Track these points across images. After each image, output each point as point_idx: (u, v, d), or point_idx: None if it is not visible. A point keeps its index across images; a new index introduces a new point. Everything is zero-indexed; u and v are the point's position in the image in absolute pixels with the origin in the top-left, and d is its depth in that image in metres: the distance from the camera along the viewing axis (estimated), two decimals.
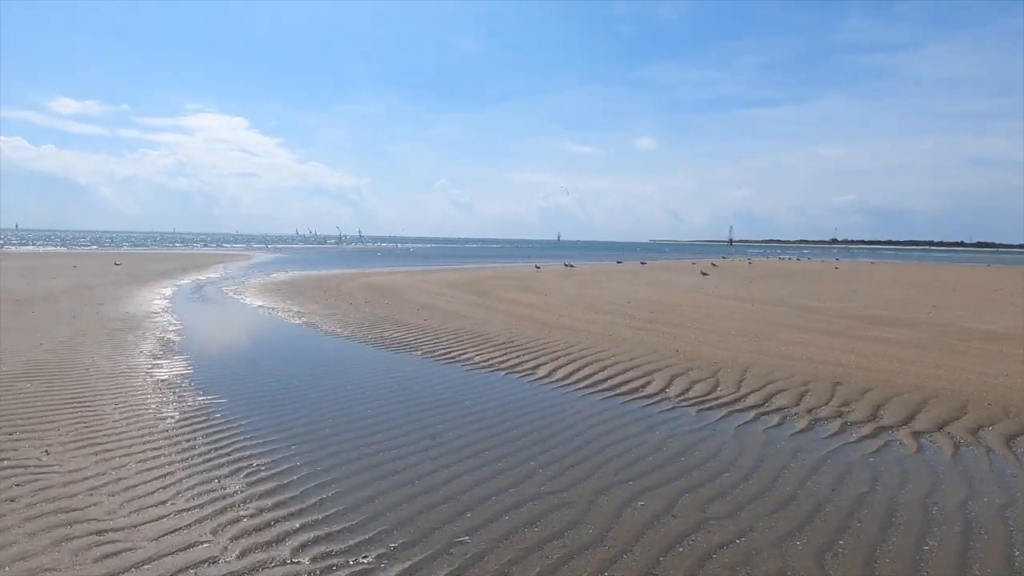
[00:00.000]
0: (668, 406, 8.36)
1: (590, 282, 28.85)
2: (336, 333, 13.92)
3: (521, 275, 33.10)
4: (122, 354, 10.97)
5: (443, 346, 12.35)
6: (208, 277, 30.31)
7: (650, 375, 9.94)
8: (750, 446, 6.80)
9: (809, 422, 7.68)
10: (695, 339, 12.88)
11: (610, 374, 10.04)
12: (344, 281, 27.62)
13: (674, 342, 12.51)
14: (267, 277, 30.53)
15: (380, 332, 13.96)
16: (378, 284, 26.19)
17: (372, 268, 40.24)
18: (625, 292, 23.52)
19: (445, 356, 11.49)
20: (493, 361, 11.05)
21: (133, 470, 5.74)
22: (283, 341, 12.98)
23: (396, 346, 12.39)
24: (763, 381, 9.46)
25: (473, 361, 11.07)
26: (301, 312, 17.25)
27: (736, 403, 8.49)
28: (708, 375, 9.87)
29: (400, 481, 5.67)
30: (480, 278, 30.36)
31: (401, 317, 16.22)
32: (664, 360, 10.88)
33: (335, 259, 54.17)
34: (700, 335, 13.37)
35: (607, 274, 36.15)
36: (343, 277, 30.33)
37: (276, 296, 21.38)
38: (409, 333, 13.79)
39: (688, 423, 7.62)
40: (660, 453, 6.54)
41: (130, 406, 7.79)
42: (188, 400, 8.16)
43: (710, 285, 27.88)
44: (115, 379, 9.13)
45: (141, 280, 26.77)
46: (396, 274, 33.61)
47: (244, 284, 26.29)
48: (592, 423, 7.57)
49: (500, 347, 12.17)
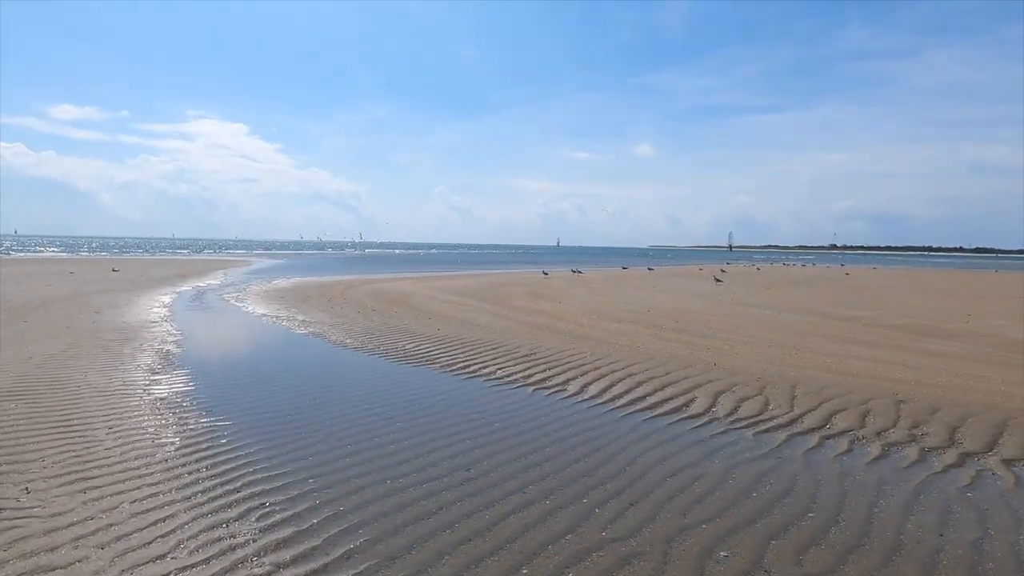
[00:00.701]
0: (720, 428, 7.56)
1: (603, 289, 28.05)
2: (346, 344, 13.12)
3: (530, 281, 32.30)
4: (118, 368, 10.17)
5: (462, 358, 11.56)
6: (208, 284, 29.53)
7: (691, 392, 9.14)
8: (826, 478, 6.00)
9: (882, 448, 6.88)
10: (730, 351, 12.08)
11: (648, 390, 9.24)
12: (349, 288, 26.83)
13: (708, 354, 11.72)
14: (269, 284, 29.73)
15: (393, 343, 13.16)
16: (384, 291, 25.40)
17: (376, 274, 39.44)
18: (642, 299, 22.73)
19: (465, 370, 10.69)
20: (517, 375, 10.26)
21: (127, 512, 4.93)
22: (290, 353, 12.18)
23: (411, 359, 11.59)
24: (817, 399, 8.66)
25: (496, 376, 10.28)
26: (307, 321, 16.45)
27: (794, 424, 7.69)
28: (755, 392, 9.08)
29: (438, 526, 4.87)
30: (488, 285, 29.57)
31: (413, 326, 15.42)
32: (703, 374, 10.08)
33: (337, 265, 53.38)
34: (734, 346, 12.57)
35: (617, 280, 35.35)
36: (347, 284, 29.54)
37: (279, 304, 20.59)
38: (424, 344, 13.00)
39: (747, 449, 6.82)
40: (727, 486, 5.75)
41: (125, 430, 6.99)
42: (189, 423, 7.36)
43: (727, 292, 27.09)
44: (109, 398, 8.33)
45: (140, 287, 25.98)
46: (401, 280, 32.81)
47: (245, 291, 25.49)
48: (641, 449, 6.77)
49: (523, 360, 11.37)
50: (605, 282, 33.26)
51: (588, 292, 25.91)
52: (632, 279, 36.85)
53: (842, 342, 13.17)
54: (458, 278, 35.91)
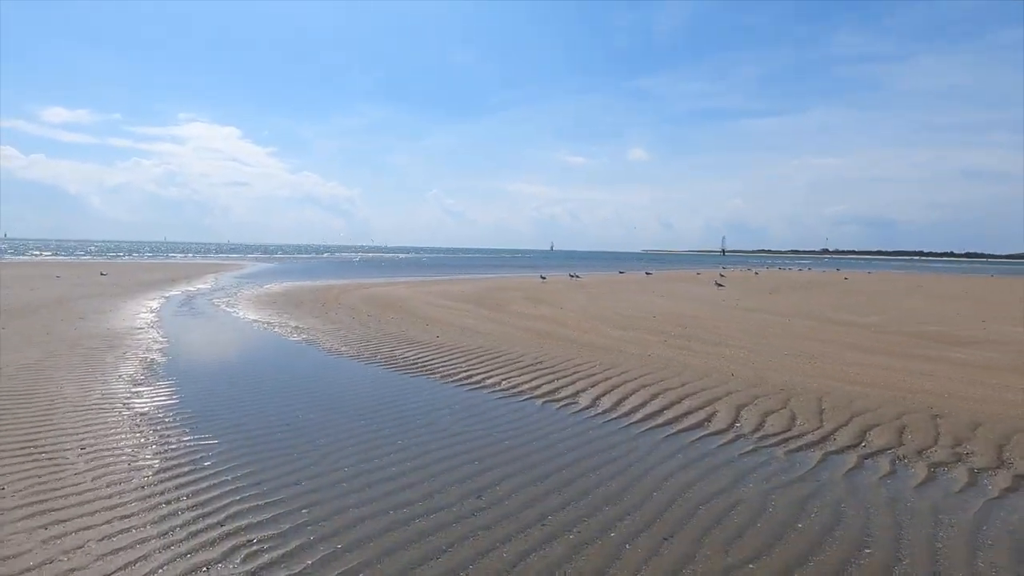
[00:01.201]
0: (748, 446, 6.99)
1: (603, 294, 27.50)
2: (341, 352, 12.49)
3: (528, 286, 31.72)
4: (97, 379, 9.51)
5: (463, 368, 10.96)
6: (198, 288, 28.78)
7: (711, 405, 8.57)
8: (875, 505, 5.44)
9: (928, 469, 6.33)
10: (745, 360, 11.53)
11: (664, 403, 8.67)
12: (342, 293, 26.17)
13: (723, 363, 11.17)
14: (260, 288, 29.02)
15: (390, 351, 12.54)
16: (379, 296, 24.76)
17: (370, 279, 38.77)
18: (644, 305, 22.19)
19: (468, 380, 10.09)
20: (524, 386, 9.67)
21: (93, 554, 4.31)
22: (282, 362, 11.54)
23: (410, 368, 10.98)
24: (847, 413, 8.11)
25: (501, 387, 9.68)
26: (300, 328, 15.80)
27: (827, 442, 7.13)
28: (779, 405, 8.52)
29: (452, 567, 4.27)
30: (485, 289, 28.97)
31: (411, 333, 14.81)
32: (721, 385, 9.52)
33: (330, 269, 52.64)
34: (748, 355, 12.02)
35: (616, 285, 34.82)
36: (341, 288, 28.86)
37: (271, 309, 19.91)
38: (423, 352, 12.38)
39: (782, 470, 6.25)
40: (768, 516, 5.17)
41: (99, 451, 6.35)
42: (171, 442, 6.72)
43: (730, 297, 26.59)
44: (84, 413, 7.68)
45: (127, 291, 25.23)
46: (396, 285, 32.16)
47: (236, 296, 24.79)
48: (667, 471, 6.19)
49: (528, 369, 10.78)
50: (604, 287, 32.73)
51: (588, 297, 25.36)
52: (631, 283, 36.34)
53: (859, 350, 12.65)
54: (454, 283, 35.30)
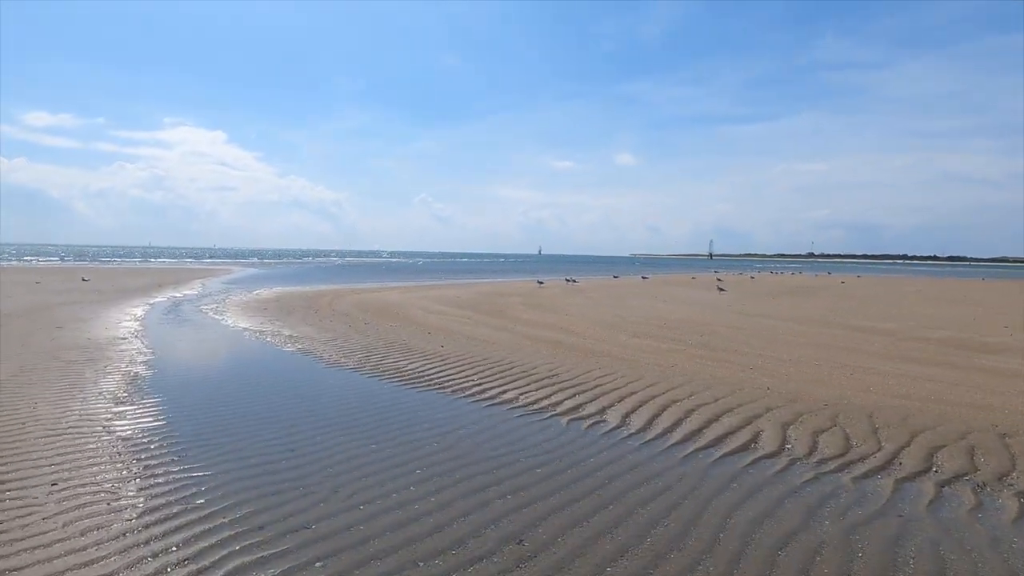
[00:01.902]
0: (807, 472, 6.26)
1: (604, 299, 26.81)
2: (340, 363, 11.66)
3: (525, 291, 30.98)
4: (75, 397, 8.62)
5: (474, 381, 10.17)
6: (185, 294, 27.76)
7: (753, 423, 7.85)
8: (978, 548, 4.73)
9: (1019, 501, 5.63)
10: (774, 371, 10.84)
11: (702, 421, 7.94)
12: (335, 298, 25.28)
13: (752, 375, 10.47)
14: (250, 294, 28.05)
15: (393, 362, 11.73)
16: (374, 302, 23.90)
17: (360, 284, 37.86)
18: (651, 310, 21.50)
19: (481, 396, 9.31)
20: (543, 402, 8.90)
21: None
22: (278, 376, 10.69)
23: (417, 382, 10.18)
24: (905, 432, 7.42)
25: (519, 403, 8.91)
26: (294, 336, 14.94)
27: (893, 467, 6.43)
28: (828, 423, 7.81)
29: None
30: (482, 295, 28.18)
31: (413, 343, 13.99)
32: (758, 400, 8.81)
33: (319, 274, 51.60)
34: (776, 365, 11.34)
35: (615, 289, 34.16)
36: (333, 294, 27.96)
37: (262, 316, 19.01)
38: (428, 363, 11.59)
39: (855, 502, 5.53)
40: (861, 565, 4.43)
41: (73, 489, 5.50)
42: (158, 476, 5.88)
43: (734, 302, 26.00)
44: (59, 439, 6.81)
45: (110, 298, 24.18)
46: (389, 290, 31.29)
47: (225, 302, 23.83)
48: (727, 505, 5.44)
49: (545, 383, 10.02)
50: (603, 291, 32.05)
51: (590, 303, 24.66)
52: (629, 288, 35.71)
53: (889, 359, 12.01)
54: (447, 288, 34.49)
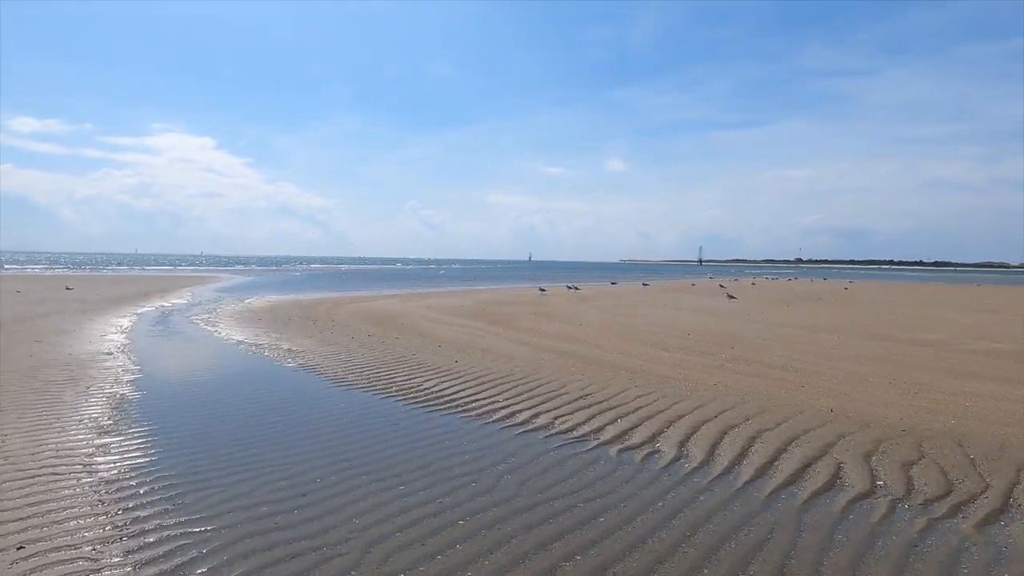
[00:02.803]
0: (916, 518, 5.31)
1: (614, 307, 25.87)
2: (349, 382, 10.63)
3: (529, 299, 30.01)
4: (52, 427, 7.55)
5: (500, 402, 9.19)
6: (175, 303, 26.57)
7: (828, 452, 6.91)
8: None
9: None
10: (830, 389, 9.93)
11: (770, 451, 6.98)
12: (332, 308, 24.20)
13: (808, 394, 9.55)
14: (242, 303, 26.90)
15: (407, 379, 10.72)
16: (373, 311, 22.84)
17: (355, 292, 36.76)
18: (668, 320, 20.58)
19: (511, 420, 8.32)
20: (583, 428, 7.93)
21: None
22: (281, 398, 9.65)
23: (437, 403, 9.18)
24: (1010, 466, 6.50)
25: (556, 429, 7.92)
26: (293, 350, 13.88)
27: (1012, 510, 5.50)
28: (913, 453, 6.89)
29: None
30: (485, 303, 27.19)
31: (424, 357, 12.98)
32: (826, 425, 7.87)
33: (311, 282, 50.40)
34: (828, 383, 10.43)
35: (621, 297, 33.24)
36: (329, 303, 26.88)
37: (258, 327, 17.91)
38: (446, 381, 10.59)
39: (993, 559, 4.59)
40: None
41: (46, 553, 4.45)
42: (149, 533, 4.84)
43: (751, 310, 25.14)
44: (31, 484, 5.75)
45: (95, 308, 22.97)
46: (386, 299, 30.24)
47: (217, 312, 22.68)
48: (841, 567, 4.47)
49: (579, 404, 9.05)
50: (608, 299, 31.13)
51: (599, 311, 23.72)
52: (634, 295, 34.82)
53: (948, 375, 11.13)
54: (445, 296, 33.48)
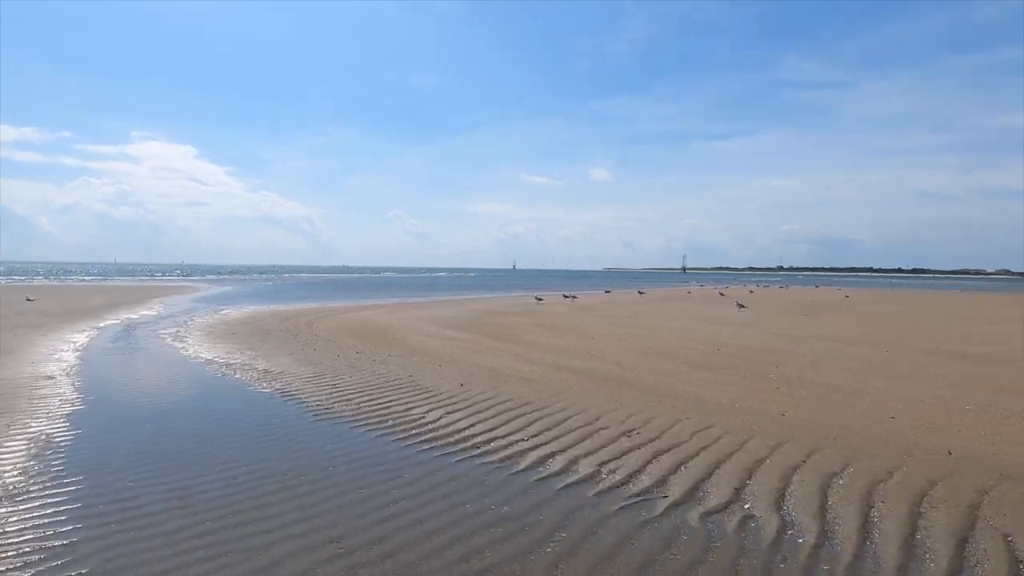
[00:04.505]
0: None
1: (621, 318, 24.14)
2: (334, 412, 8.77)
3: (527, 309, 28.20)
4: None
5: (527, 442, 7.38)
6: (143, 315, 24.41)
7: (978, 520, 5.19)
8: None
9: None
10: (923, 419, 8.26)
11: (902, 517, 5.24)
12: (315, 319, 22.21)
13: (903, 429, 7.85)
14: (217, 314, 24.81)
15: (405, 410, 8.88)
16: (361, 324, 20.90)
17: (341, 302, 34.66)
18: (685, 332, 18.86)
19: (545, 468, 6.52)
20: (642, 482, 6.15)
21: None
22: (251, 437, 7.76)
23: (447, 443, 7.35)
24: None
25: (609, 483, 6.13)
26: (270, 372, 11.96)
27: None
28: None
29: None
30: (482, 313, 25.35)
31: (423, 379, 11.13)
32: (955, 475, 6.17)
33: (294, 291, 48.15)
34: (918, 411, 8.75)
35: (624, 307, 31.50)
36: (313, 314, 24.87)
37: (231, 343, 15.92)
38: (453, 412, 8.76)
39: None
40: None
41: None
42: None
43: (768, 321, 23.54)
44: None
45: (54, 322, 20.76)
46: (374, 309, 28.25)
47: (187, 325, 20.60)
48: None
49: (625, 445, 7.27)
50: (612, 309, 29.40)
51: (607, 322, 21.96)
52: (635, 304, 33.13)
53: None
54: (437, 306, 31.56)
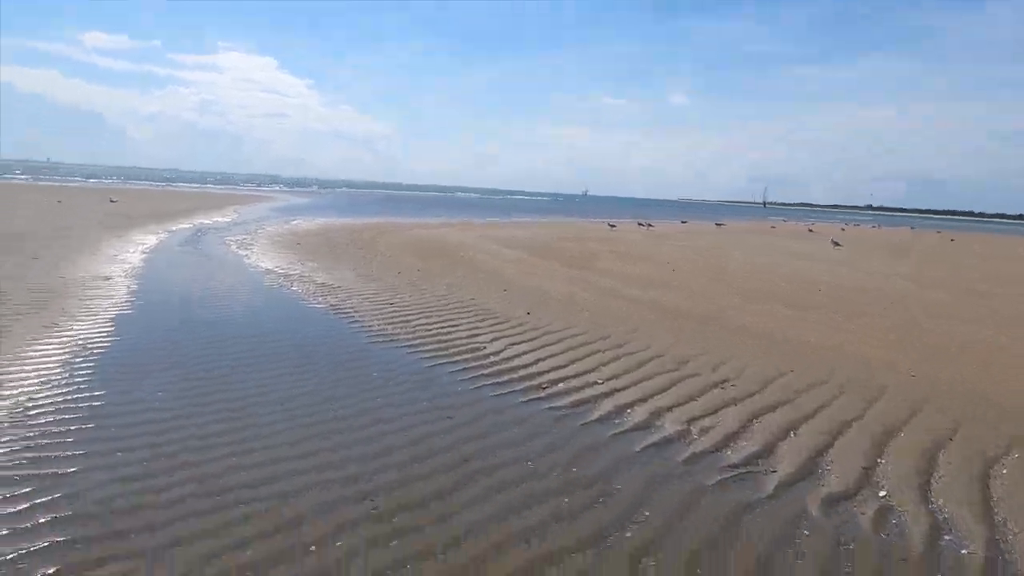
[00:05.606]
0: None
1: (700, 249, 22.33)
2: (390, 336, 7.95)
3: (600, 236, 26.69)
4: None
5: (601, 385, 6.30)
6: (215, 221, 24.56)
7: None
8: None
9: None
10: None
11: None
12: (381, 235, 21.56)
13: None
14: (286, 224, 24.64)
15: (468, 337, 7.95)
16: (426, 241, 20.10)
17: (408, 218, 34.07)
18: (774, 268, 17.05)
19: (623, 421, 5.44)
20: (743, 448, 4.98)
21: None
22: (296, 359, 7.05)
23: (511, 380, 6.37)
24: None
25: (700, 447, 4.99)
26: (328, 285, 11.29)
27: None
28: None
29: None
30: (550, 238, 24.08)
31: (487, 303, 10.17)
32: None
33: (362, 206, 48.15)
34: None
35: (700, 237, 29.36)
36: (378, 229, 24.29)
37: (294, 254, 15.45)
38: (517, 343, 7.76)
39: None
40: None
41: None
42: None
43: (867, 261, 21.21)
44: None
45: (129, 223, 20.97)
46: (441, 227, 27.42)
47: (255, 233, 20.40)
48: None
49: (719, 398, 6.08)
50: (688, 239, 27.42)
51: (686, 253, 20.26)
52: (714, 236, 30.83)
53: None
54: (506, 227, 30.44)
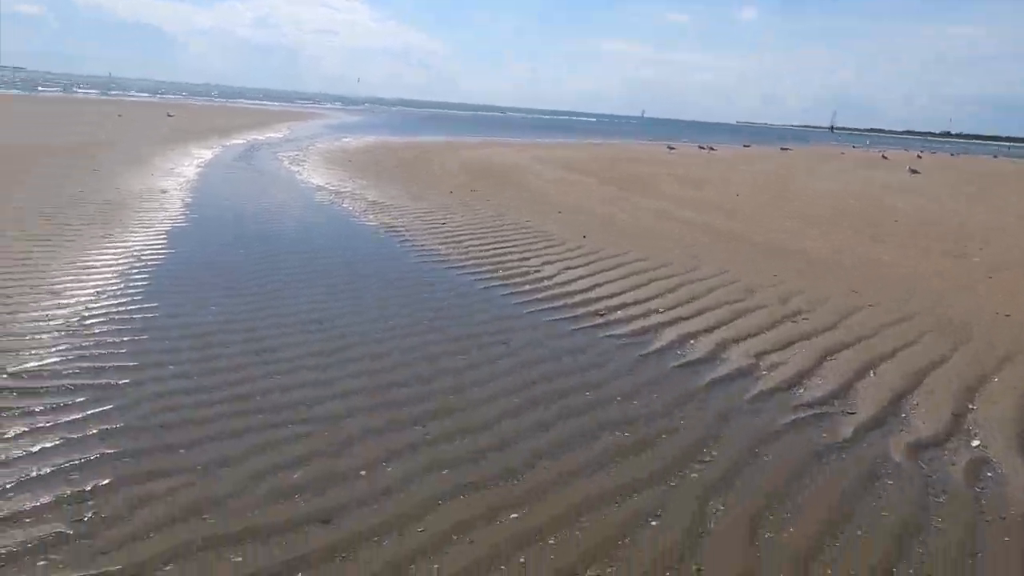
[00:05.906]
0: None
1: (765, 174, 21.12)
2: (441, 255, 7.77)
3: (658, 159, 25.59)
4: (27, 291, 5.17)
5: (661, 314, 5.98)
6: (268, 137, 24.60)
7: None
8: None
9: None
10: None
11: None
12: (433, 153, 21.16)
13: None
14: (337, 142, 24.47)
15: (520, 260, 7.70)
16: (478, 161, 19.60)
17: (460, 137, 33.37)
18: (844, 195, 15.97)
19: (685, 353, 5.14)
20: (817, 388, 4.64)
21: None
22: (345, 277, 6.96)
23: (565, 305, 6.13)
24: None
25: (769, 384, 4.66)
26: (379, 203, 11.13)
27: None
28: None
29: None
30: (608, 160, 23.19)
31: (539, 226, 9.84)
32: None
33: (414, 125, 47.50)
34: None
35: (763, 162, 27.74)
36: (430, 147, 23.89)
37: (345, 171, 15.30)
38: (572, 268, 7.47)
39: None
40: None
41: None
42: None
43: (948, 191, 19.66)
44: None
45: (185, 137, 21.16)
46: (494, 147, 26.70)
47: (307, 150, 20.31)
48: None
49: (790, 332, 5.68)
50: (751, 164, 25.97)
51: (749, 179, 19.18)
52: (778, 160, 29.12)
53: None
54: (560, 148, 29.52)
